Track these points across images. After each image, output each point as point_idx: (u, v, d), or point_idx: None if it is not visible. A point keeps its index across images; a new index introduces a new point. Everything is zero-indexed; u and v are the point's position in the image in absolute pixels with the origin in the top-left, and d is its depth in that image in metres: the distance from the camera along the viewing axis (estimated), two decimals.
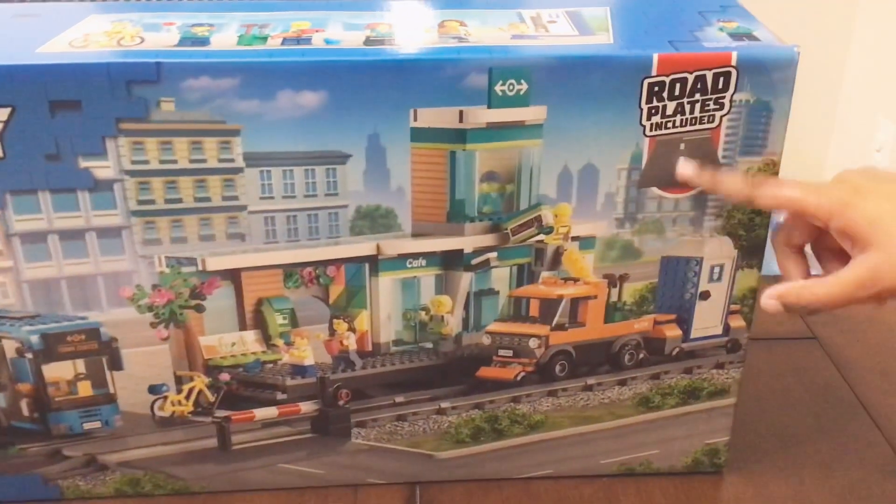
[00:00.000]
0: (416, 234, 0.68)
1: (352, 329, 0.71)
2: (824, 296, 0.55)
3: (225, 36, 0.65)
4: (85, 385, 0.71)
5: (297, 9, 0.71)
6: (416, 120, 0.63)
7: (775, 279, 0.64)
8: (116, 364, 0.70)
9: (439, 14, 0.69)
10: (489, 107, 0.63)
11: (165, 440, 0.73)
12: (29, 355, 0.69)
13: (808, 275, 0.62)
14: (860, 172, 0.58)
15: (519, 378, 0.73)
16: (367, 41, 0.64)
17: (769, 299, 0.57)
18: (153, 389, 0.71)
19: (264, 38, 0.64)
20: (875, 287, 0.53)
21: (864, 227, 0.53)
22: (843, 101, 2.11)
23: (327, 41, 0.64)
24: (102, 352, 0.69)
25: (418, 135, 0.64)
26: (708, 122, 0.65)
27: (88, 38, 0.64)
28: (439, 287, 0.71)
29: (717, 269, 0.70)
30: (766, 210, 0.56)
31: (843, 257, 0.58)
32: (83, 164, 0.63)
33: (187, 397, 0.72)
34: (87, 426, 0.72)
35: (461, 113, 0.64)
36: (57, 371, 0.70)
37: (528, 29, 0.67)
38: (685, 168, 0.60)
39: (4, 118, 0.61)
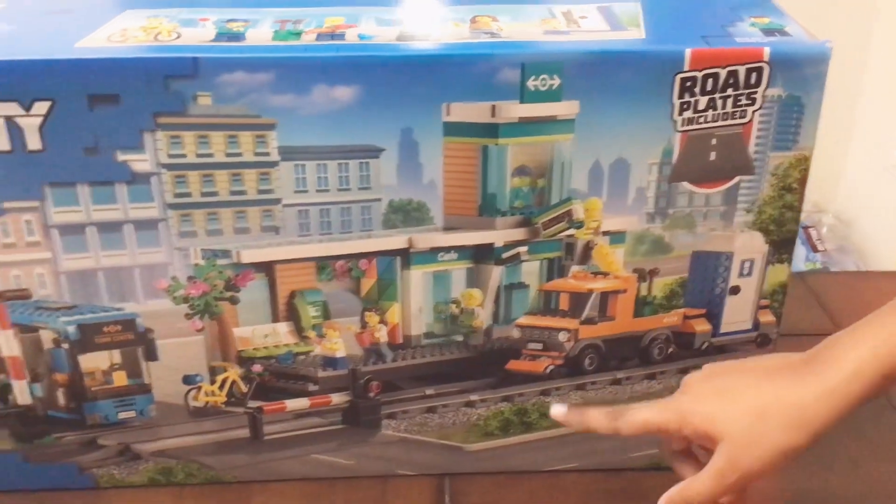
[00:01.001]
0: (447, 228, 0.68)
1: (383, 322, 0.72)
2: (702, 490, 0.59)
3: (260, 31, 0.65)
4: (120, 375, 0.72)
5: (329, 5, 0.71)
6: (448, 114, 0.64)
7: (799, 276, 0.65)
8: (152, 354, 0.71)
9: (471, 10, 0.70)
10: (521, 101, 0.64)
11: (199, 430, 0.74)
12: (66, 346, 0.70)
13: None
14: (700, 376, 0.62)
15: (548, 371, 0.74)
16: (401, 36, 0.65)
17: None
18: (187, 380, 0.72)
19: (298, 34, 0.65)
20: (735, 472, 0.58)
21: (707, 427, 0.58)
22: (863, 102, 2.09)
23: (361, 36, 0.65)
24: (138, 342, 0.70)
25: (451, 129, 0.65)
26: (740, 117, 0.65)
27: (126, 34, 0.65)
28: (470, 280, 0.71)
29: (747, 264, 0.71)
30: (632, 432, 0.62)
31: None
32: (121, 157, 0.64)
33: (221, 388, 0.73)
34: (122, 416, 0.73)
35: (493, 108, 0.64)
36: (93, 361, 0.71)
37: (560, 24, 0.67)
38: (557, 409, 0.65)
39: (44, 112, 0.62)
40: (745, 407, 0.58)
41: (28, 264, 0.67)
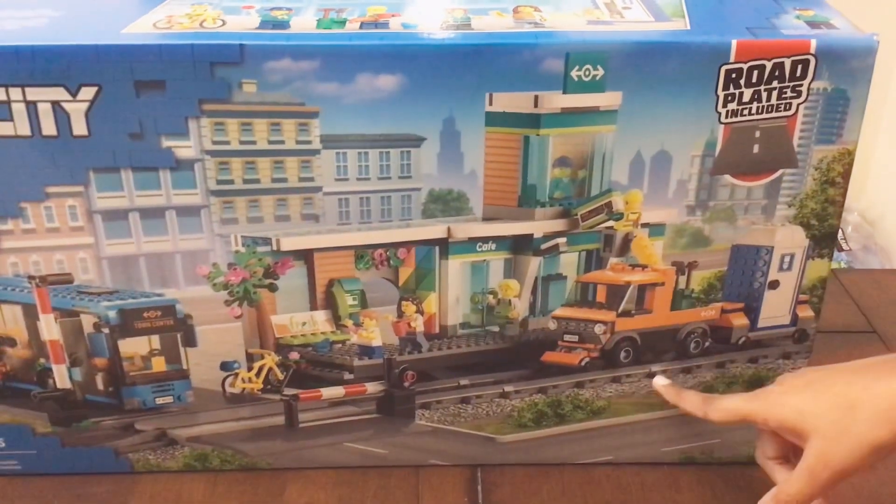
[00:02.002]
0: (486, 218, 0.68)
1: (420, 311, 0.72)
2: (793, 491, 0.58)
3: (303, 19, 0.66)
4: (159, 360, 0.72)
5: None
6: (491, 104, 0.64)
7: (832, 273, 0.64)
8: (191, 341, 0.71)
9: (513, 0, 0.70)
10: (564, 92, 0.63)
11: (234, 416, 0.75)
12: (106, 330, 0.71)
13: None
14: (797, 372, 0.62)
15: (583, 363, 0.74)
16: (444, 26, 0.65)
17: None
18: (225, 366, 0.73)
19: (342, 22, 0.65)
20: (828, 469, 0.57)
21: (795, 419, 0.58)
22: (891, 102, 2.07)
23: (405, 25, 0.65)
24: (178, 328, 0.71)
25: (493, 119, 0.65)
26: (784, 109, 0.64)
27: (171, 20, 0.65)
28: (508, 271, 0.71)
29: (787, 259, 0.70)
30: (721, 424, 0.63)
31: None
32: (165, 143, 0.64)
33: (258, 375, 0.73)
34: (159, 401, 0.73)
35: (536, 98, 0.64)
36: (132, 346, 0.72)
37: (604, 14, 0.67)
38: (659, 380, 0.68)
39: (90, 97, 0.62)
40: (834, 399, 0.57)
41: (71, 249, 0.68)
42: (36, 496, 0.76)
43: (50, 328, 0.70)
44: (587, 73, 0.63)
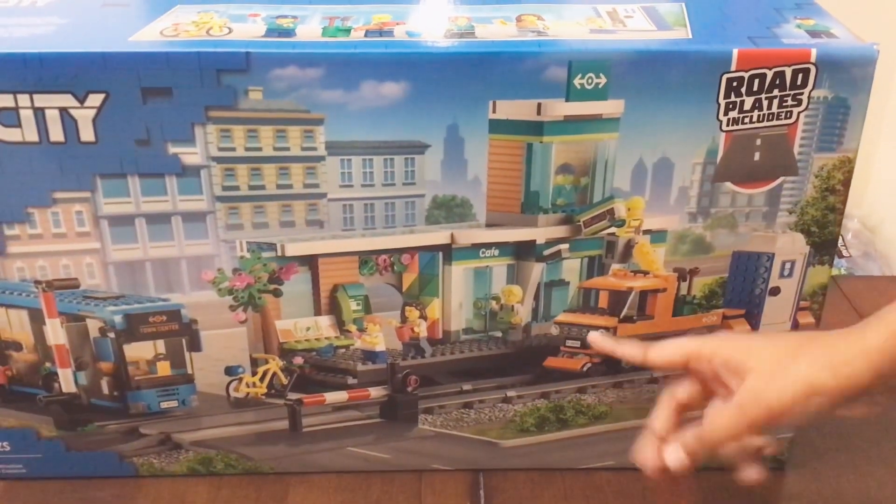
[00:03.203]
0: (490, 225, 0.69)
1: (423, 316, 0.73)
2: (720, 425, 0.58)
3: (309, 28, 0.66)
4: (164, 365, 0.73)
5: (375, 2, 0.72)
6: (494, 112, 0.65)
7: (831, 280, 0.65)
8: (195, 345, 0.72)
9: (516, 8, 0.70)
10: (567, 100, 0.64)
11: (239, 421, 0.75)
12: (111, 335, 0.71)
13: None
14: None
15: (585, 369, 0.74)
16: (448, 34, 0.66)
17: (674, 455, 0.60)
18: (229, 371, 0.73)
19: (347, 31, 0.66)
20: (759, 405, 0.56)
21: (741, 356, 0.58)
22: (890, 109, 2.08)
23: (409, 34, 0.66)
24: (183, 333, 0.71)
25: (496, 126, 0.65)
26: (785, 117, 0.65)
27: (178, 28, 0.65)
28: (511, 277, 0.72)
29: (788, 265, 0.71)
30: (660, 367, 0.63)
31: None
32: (172, 149, 0.65)
33: (262, 379, 0.74)
34: (164, 405, 0.74)
35: (539, 105, 0.65)
36: (138, 351, 0.72)
37: (606, 23, 0.67)
38: (594, 335, 0.69)
39: (98, 104, 0.63)
40: (782, 343, 0.57)
41: (77, 254, 0.68)
42: (40, 500, 0.76)
43: (56, 333, 0.71)
44: (590, 81, 0.63)
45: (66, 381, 0.73)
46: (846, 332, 0.57)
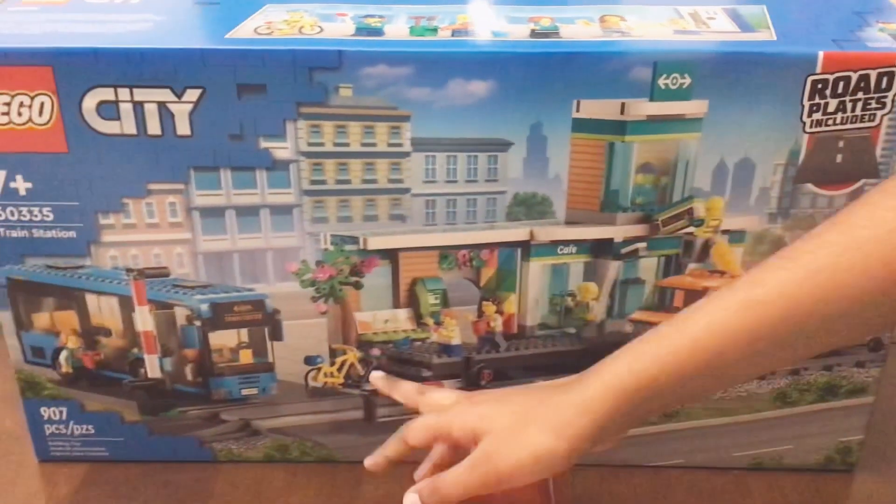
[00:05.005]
0: (569, 222, 0.70)
1: (499, 311, 0.74)
2: (452, 480, 0.60)
3: (396, 27, 0.68)
4: (246, 353, 0.75)
5: (458, 2, 0.73)
6: (578, 111, 0.66)
7: None
8: (277, 335, 0.74)
9: (598, 9, 0.71)
10: (651, 100, 0.65)
11: (315, 409, 0.77)
12: (198, 323, 0.73)
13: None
14: (483, 391, 0.68)
15: None
16: (533, 34, 0.67)
17: (410, 501, 0.62)
18: (308, 360, 0.75)
19: (434, 30, 0.67)
20: (487, 464, 0.59)
21: (476, 423, 0.61)
22: None
23: (495, 33, 0.67)
24: (265, 322, 0.73)
25: (579, 125, 0.66)
26: (868, 120, 0.65)
27: (271, 26, 0.67)
28: (587, 274, 0.73)
29: None
30: (416, 437, 0.66)
31: None
32: (263, 144, 0.67)
33: (339, 369, 0.75)
34: (245, 392, 0.76)
35: (623, 105, 0.66)
36: (222, 339, 0.74)
37: (689, 24, 0.68)
38: (375, 377, 0.71)
39: (195, 99, 0.65)
40: (512, 408, 0.61)
41: (169, 244, 0.71)
42: (122, 482, 0.79)
43: (145, 319, 0.73)
44: (674, 81, 0.64)
45: (152, 366, 0.75)
46: (571, 388, 0.59)
